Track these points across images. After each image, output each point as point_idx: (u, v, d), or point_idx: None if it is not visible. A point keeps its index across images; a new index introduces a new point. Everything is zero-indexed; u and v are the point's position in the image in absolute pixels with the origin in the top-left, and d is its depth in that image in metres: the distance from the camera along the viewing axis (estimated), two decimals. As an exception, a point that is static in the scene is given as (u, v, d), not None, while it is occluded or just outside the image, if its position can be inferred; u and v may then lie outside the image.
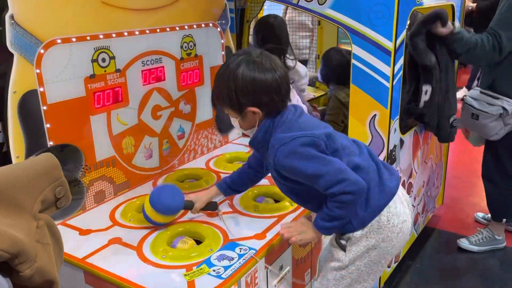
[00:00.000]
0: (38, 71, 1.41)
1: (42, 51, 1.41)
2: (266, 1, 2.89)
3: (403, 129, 2.07)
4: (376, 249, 1.31)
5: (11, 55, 1.35)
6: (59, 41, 1.46)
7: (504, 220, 2.53)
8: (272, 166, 1.29)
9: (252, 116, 1.28)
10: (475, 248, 2.58)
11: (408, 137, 2.14)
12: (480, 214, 2.94)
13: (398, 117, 1.94)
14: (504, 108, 2.21)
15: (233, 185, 1.55)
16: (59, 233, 0.78)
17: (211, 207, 1.57)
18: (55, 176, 0.77)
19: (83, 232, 1.49)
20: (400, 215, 1.32)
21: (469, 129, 2.45)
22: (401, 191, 1.38)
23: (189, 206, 1.52)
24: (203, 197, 1.55)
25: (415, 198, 2.39)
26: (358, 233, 1.30)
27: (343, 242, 1.34)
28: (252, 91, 1.23)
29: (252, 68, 1.23)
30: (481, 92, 2.30)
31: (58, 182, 0.77)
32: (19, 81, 1.37)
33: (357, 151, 1.33)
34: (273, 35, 2.53)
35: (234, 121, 1.34)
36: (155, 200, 1.45)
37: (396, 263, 2.29)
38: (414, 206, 2.39)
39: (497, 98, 2.24)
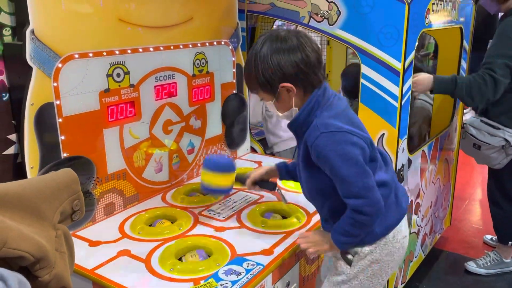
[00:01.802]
0: (55, 84, 1.45)
1: (60, 65, 1.45)
2: (277, 20, 2.94)
3: (411, 149, 2.08)
4: (379, 263, 1.34)
5: (30, 68, 1.39)
6: (76, 56, 1.50)
7: (511, 243, 2.51)
8: (304, 149, 1.25)
9: (287, 95, 1.23)
10: (482, 271, 2.55)
11: (416, 157, 2.14)
12: (489, 236, 2.92)
13: (406, 136, 1.96)
14: (506, 140, 2.22)
15: (293, 172, 1.49)
16: (73, 243, 0.83)
17: (269, 186, 1.58)
18: (74, 189, 0.83)
19: (93, 243, 1.51)
20: (402, 231, 1.36)
21: (471, 156, 2.46)
22: None
23: (241, 178, 1.59)
24: (257, 170, 1.57)
25: (422, 219, 2.38)
26: (366, 249, 1.32)
27: (349, 256, 1.33)
28: (277, 64, 1.18)
29: (275, 42, 1.20)
30: (481, 121, 2.32)
31: (76, 196, 0.83)
32: (36, 93, 1.41)
33: (383, 165, 1.33)
34: None
35: (271, 106, 1.28)
36: (207, 161, 1.59)
37: (403, 284, 2.27)
38: (421, 227, 2.38)
39: (498, 129, 2.25)
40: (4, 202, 0.70)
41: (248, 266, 1.35)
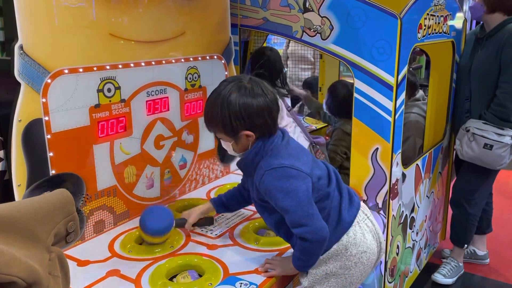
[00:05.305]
0: (44, 100, 1.42)
1: (49, 80, 1.43)
2: (269, 34, 2.95)
3: (405, 163, 2.07)
4: (335, 276, 1.36)
5: (18, 84, 1.36)
6: (66, 71, 1.47)
7: (466, 245, 2.59)
8: (255, 187, 1.34)
9: (246, 140, 1.33)
10: (449, 280, 2.60)
11: (410, 171, 2.13)
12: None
13: (400, 151, 1.95)
14: None
15: (227, 203, 1.61)
16: (68, 267, 0.80)
17: (207, 222, 1.63)
18: (69, 210, 0.80)
19: (81, 263, 1.46)
20: (359, 245, 1.35)
21: (472, 162, 2.43)
22: (369, 221, 1.41)
23: (181, 223, 1.58)
24: (195, 211, 1.60)
25: (417, 233, 2.36)
26: None
27: None
28: (247, 115, 1.27)
29: (244, 93, 1.28)
30: (484, 123, 2.32)
31: (71, 217, 0.80)
32: (24, 110, 1.38)
33: (327, 180, 1.38)
34: (265, 66, 2.50)
35: (227, 145, 1.36)
36: (143, 224, 1.52)
37: (399, 300, 2.23)
38: (416, 241, 2.36)
39: (503, 129, 2.27)
40: None
41: (241, 286, 1.32)
